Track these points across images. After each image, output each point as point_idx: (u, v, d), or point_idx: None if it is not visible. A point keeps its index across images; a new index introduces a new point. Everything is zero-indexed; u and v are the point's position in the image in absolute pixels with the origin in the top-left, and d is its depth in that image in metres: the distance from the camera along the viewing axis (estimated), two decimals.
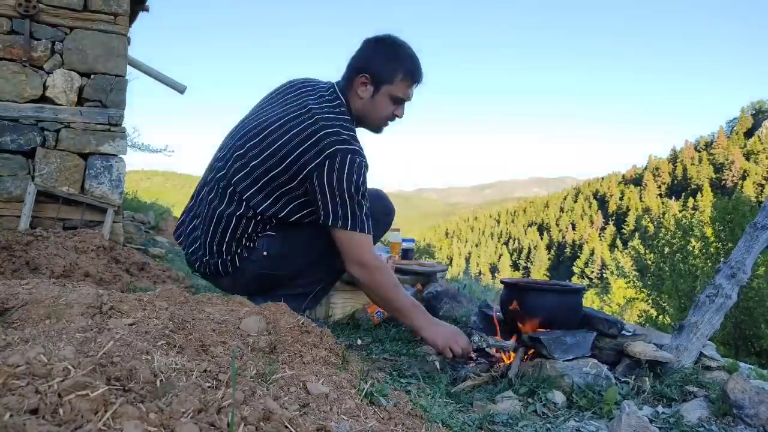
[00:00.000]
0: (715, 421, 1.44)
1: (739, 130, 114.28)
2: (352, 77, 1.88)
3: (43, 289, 1.33)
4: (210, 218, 1.90)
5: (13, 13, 3.37)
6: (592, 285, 60.19)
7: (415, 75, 1.90)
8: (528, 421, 1.40)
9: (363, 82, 1.87)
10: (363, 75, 1.86)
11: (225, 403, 0.74)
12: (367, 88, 1.87)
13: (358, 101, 1.89)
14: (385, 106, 1.90)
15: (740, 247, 1.90)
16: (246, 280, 1.95)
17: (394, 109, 1.92)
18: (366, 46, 1.91)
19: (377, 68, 1.86)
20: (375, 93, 1.88)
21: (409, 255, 3.08)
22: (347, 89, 1.90)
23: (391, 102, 1.90)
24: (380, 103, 1.89)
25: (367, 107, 1.90)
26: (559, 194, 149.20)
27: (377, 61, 1.86)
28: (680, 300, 14.29)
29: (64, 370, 0.70)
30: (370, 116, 1.92)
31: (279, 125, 1.82)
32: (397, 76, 1.87)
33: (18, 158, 3.40)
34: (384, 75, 1.86)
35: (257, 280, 1.95)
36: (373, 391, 1.13)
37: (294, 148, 1.77)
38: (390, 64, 1.86)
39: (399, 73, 1.87)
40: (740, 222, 13.81)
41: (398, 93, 1.89)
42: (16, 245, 2.64)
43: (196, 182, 2.14)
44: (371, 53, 1.89)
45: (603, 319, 1.87)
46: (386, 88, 1.87)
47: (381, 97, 1.88)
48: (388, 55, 1.87)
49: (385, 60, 1.87)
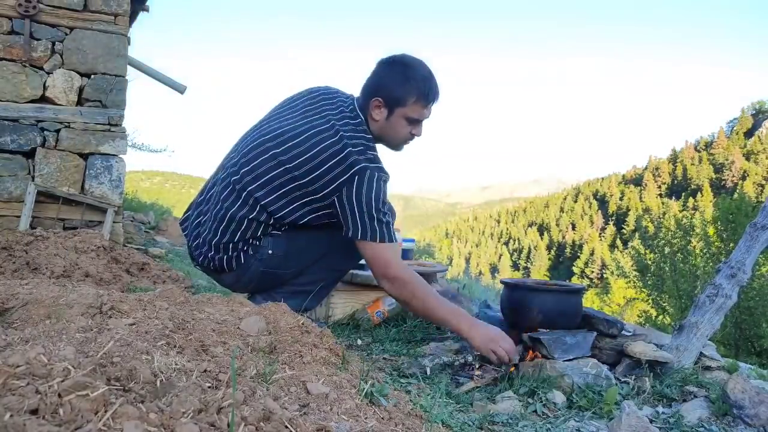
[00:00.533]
0: (715, 421, 1.44)
1: (739, 131, 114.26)
2: (367, 100, 1.91)
3: (43, 289, 1.33)
4: (221, 218, 1.91)
5: (13, 13, 3.37)
6: (592, 285, 60.18)
7: (428, 96, 1.90)
8: (528, 421, 1.40)
9: (377, 105, 1.89)
10: (377, 99, 1.88)
11: (225, 403, 0.74)
12: (381, 110, 1.89)
13: (375, 123, 1.92)
14: (401, 127, 1.92)
15: (740, 247, 1.90)
16: (249, 277, 1.97)
17: (411, 129, 1.94)
18: (379, 69, 1.93)
19: (390, 91, 1.87)
20: (389, 115, 1.89)
21: (410, 255, 3.08)
22: (365, 108, 1.93)
23: (407, 123, 1.91)
24: (396, 124, 1.91)
25: (384, 129, 1.92)
26: (559, 194, 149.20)
27: (390, 85, 1.88)
28: (680, 300, 14.28)
29: (64, 370, 0.70)
30: (387, 137, 1.95)
31: (304, 138, 1.84)
32: (410, 99, 1.87)
33: (18, 158, 3.40)
34: (397, 98, 1.87)
35: (260, 277, 1.97)
36: (373, 391, 1.13)
37: (321, 163, 1.79)
38: (402, 87, 1.87)
39: (412, 95, 1.87)
40: (743, 222, 13.80)
41: (413, 114, 1.90)
42: (16, 245, 2.64)
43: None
44: (383, 76, 1.90)
45: (603, 319, 1.87)
46: (400, 110, 1.88)
47: (396, 119, 1.90)
48: (401, 77, 1.88)
49: (397, 83, 1.87)
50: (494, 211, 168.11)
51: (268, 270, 1.94)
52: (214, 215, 1.93)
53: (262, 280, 1.97)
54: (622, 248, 62.40)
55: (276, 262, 1.93)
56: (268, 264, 1.93)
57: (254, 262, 1.93)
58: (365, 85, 1.94)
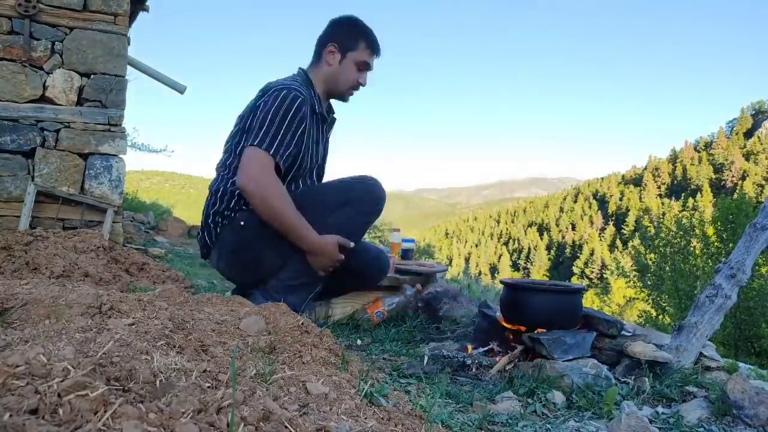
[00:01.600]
0: (714, 421, 1.44)
1: (738, 131, 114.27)
2: (321, 50, 2.19)
3: (42, 289, 1.33)
4: (207, 199, 2.15)
5: (13, 13, 3.37)
6: (592, 285, 60.17)
7: (375, 44, 2.22)
8: (528, 421, 1.40)
9: (331, 51, 2.17)
10: (331, 44, 2.17)
11: (225, 403, 0.74)
12: (335, 55, 2.18)
13: (327, 69, 2.18)
14: (350, 71, 2.19)
15: (740, 247, 1.90)
16: (225, 252, 2.09)
17: (358, 77, 2.21)
18: (331, 23, 2.23)
19: (343, 38, 2.18)
20: (342, 59, 2.17)
21: (409, 255, 3.08)
22: (314, 65, 2.21)
23: (356, 68, 2.19)
24: (346, 67, 2.18)
25: (335, 72, 2.18)
26: (559, 194, 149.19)
27: (342, 33, 2.19)
28: (680, 300, 14.29)
29: (64, 370, 0.70)
30: (338, 81, 2.19)
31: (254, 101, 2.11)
32: (360, 45, 2.19)
33: (18, 158, 3.40)
34: (349, 43, 2.18)
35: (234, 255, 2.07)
36: (372, 391, 1.13)
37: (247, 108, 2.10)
38: (353, 34, 2.19)
39: (361, 42, 2.19)
40: (742, 222, 13.80)
41: (362, 58, 2.19)
42: (16, 245, 2.64)
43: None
44: (336, 27, 2.21)
45: (603, 319, 1.87)
46: (351, 54, 2.18)
47: (347, 63, 2.18)
48: (352, 28, 2.21)
49: (349, 32, 2.19)
50: (494, 211, 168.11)
51: (240, 243, 2.05)
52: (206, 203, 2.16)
53: (237, 256, 2.07)
54: (622, 248, 62.32)
55: (247, 236, 2.03)
56: (240, 236, 2.04)
57: (228, 235, 2.07)
58: (318, 40, 2.22)
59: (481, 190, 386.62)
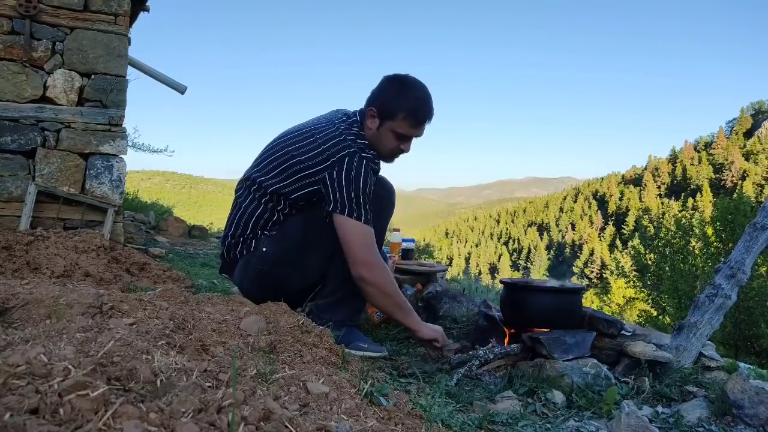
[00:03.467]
0: (714, 421, 1.44)
1: (738, 131, 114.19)
2: (364, 109, 2.05)
3: (43, 289, 1.34)
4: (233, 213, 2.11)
5: (13, 13, 3.37)
6: (591, 285, 60.12)
7: (417, 115, 2.00)
8: (528, 420, 1.40)
9: (371, 115, 2.01)
10: (371, 108, 2.01)
11: (225, 402, 0.74)
12: (374, 120, 2.01)
13: (368, 131, 2.04)
14: (388, 140, 2.02)
15: (740, 247, 1.90)
16: (250, 274, 2.05)
17: (399, 144, 2.03)
18: (381, 82, 2.06)
19: (383, 104, 1.99)
20: (380, 126, 2.01)
21: (409, 255, 3.08)
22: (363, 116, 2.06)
23: (394, 137, 2.01)
24: (384, 136, 2.01)
25: (374, 138, 2.03)
26: (559, 194, 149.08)
27: (384, 97, 2.01)
28: (680, 300, 14.28)
29: (65, 369, 0.70)
30: (377, 146, 2.04)
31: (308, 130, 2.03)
32: (399, 114, 1.98)
33: (18, 158, 3.40)
34: (387, 111, 1.99)
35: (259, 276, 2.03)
36: (373, 391, 1.13)
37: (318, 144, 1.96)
38: (394, 102, 1.98)
39: (402, 111, 1.98)
40: (741, 222, 13.79)
41: (400, 130, 2.00)
42: (17, 245, 2.64)
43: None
44: (381, 89, 2.04)
45: (602, 319, 1.87)
46: (389, 123, 1.99)
47: (384, 131, 2.01)
48: (395, 93, 2.00)
49: (390, 97, 2.00)
50: (494, 211, 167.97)
51: (264, 269, 2.02)
52: (230, 214, 2.13)
53: (262, 279, 2.03)
54: (622, 248, 62.28)
55: (270, 260, 2.01)
56: (264, 262, 2.02)
57: (253, 260, 2.04)
58: (369, 95, 2.07)
59: (481, 190, 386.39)
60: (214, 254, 5.62)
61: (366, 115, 2.02)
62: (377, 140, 2.02)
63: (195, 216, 40.28)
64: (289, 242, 2.01)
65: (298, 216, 2.02)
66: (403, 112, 1.97)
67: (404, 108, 1.97)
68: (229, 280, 2.30)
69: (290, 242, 2.01)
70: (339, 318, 1.97)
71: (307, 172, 1.95)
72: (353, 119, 2.05)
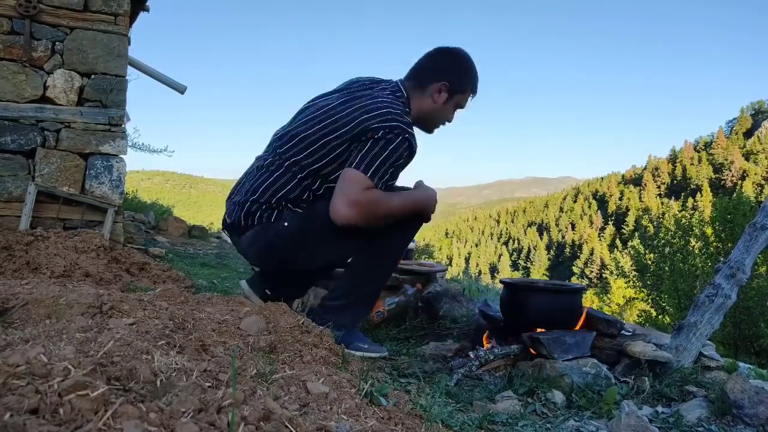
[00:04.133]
0: (714, 420, 1.44)
1: (738, 131, 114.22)
2: (429, 82, 2.03)
3: (43, 289, 1.34)
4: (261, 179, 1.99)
5: (13, 13, 3.37)
6: (591, 285, 60.14)
7: (477, 87, 2.13)
8: (527, 420, 1.40)
9: (440, 89, 2.03)
10: (443, 83, 2.03)
11: (225, 402, 0.74)
12: (442, 94, 2.04)
13: (431, 105, 2.05)
14: (450, 111, 2.10)
15: (739, 247, 1.90)
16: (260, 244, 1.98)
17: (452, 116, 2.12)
18: (446, 57, 2.08)
19: (456, 78, 2.04)
20: (448, 100, 2.05)
21: (409, 255, 3.08)
22: (416, 91, 2.04)
23: (453, 109, 2.10)
24: (447, 110, 2.08)
25: (436, 111, 2.06)
26: (559, 194, 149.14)
27: (457, 73, 2.05)
28: (680, 300, 14.28)
29: (64, 369, 0.70)
30: (434, 119, 2.09)
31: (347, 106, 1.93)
32: (468, 88, 2.08)
33: (18, 158, 3.40)
34: (460, 86, 2.05)
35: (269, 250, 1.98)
36: (373, 391, 1.13)
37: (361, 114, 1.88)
38: (466, 77, 2.07)
39: (469, 84, 2.08)
40: (741, 222, 13.79)
41: (463, 102, 2.10)
42: (17, 245, 2.64)
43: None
44: (450, 63, 2.06)
45: (602, 319, 1.87)
46: (458, 97, 2.07)
47: (450, 105, 2.07)
48: (466, 69, 2.08)
49: (463, 73, 2.07)
50: (494, 211, 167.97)
51: (279, 241, 1.95)
52: (256, 177, 2.01)
53: (272, 251, 1.98)
54: (622, 248, 62.28)
55: (288, 237, 1.94)
56: (280, 235, 1.94)
57: (270, 231, 1.96)
58: (426, 69, 2.06)
59: (481, 190, 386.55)
60: (214, 254, 5.62)
61: (432, 88, 2.02)
62: (437, 113, 2.07)
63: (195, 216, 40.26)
64: (313, 226, 1.93)
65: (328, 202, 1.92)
66: (470, 86, 2.08)
67: (472, 82, 2.08)
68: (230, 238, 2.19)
69: (314, 226, 1.93)
70: (342, 322, 1.96)
71: (344, 146, 1.88)
72: (399, 93, 2.01)
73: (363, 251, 1.97)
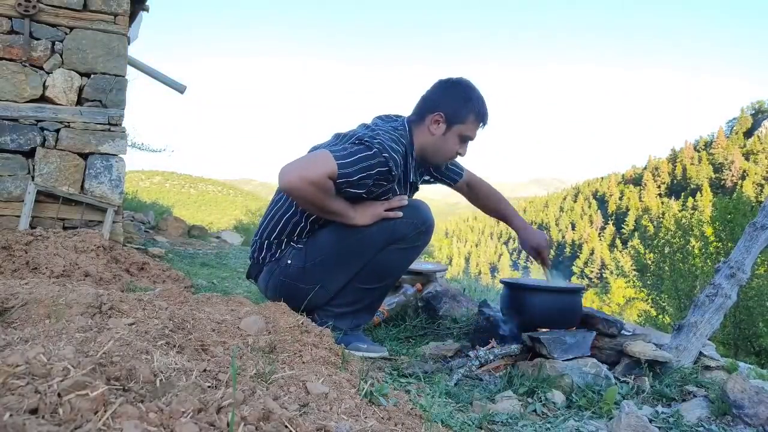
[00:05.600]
0: (714, 420, 1.44)
1: (738, 130, 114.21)
2: (425, 115, 2.01)
3: (42, 289, 1.33)
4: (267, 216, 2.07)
5: (13, 12, 3.36)
6: (591, 285, 60.15)
7: (484, 117, 2.03)
8: (527, 420, 1.40)
9: (436, 120, 1.99)
10: (438, 114, 1.98)
11: (225, 402, 0.74)
12: (440, 126, 1.99)
13: (429, 137, 2.01)
14: (453, 144, 2.02)
15: (740, 246, 1.90)
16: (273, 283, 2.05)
17: (458, 148, 2.04)
18: (441, 87, 2.05)
19: (451, 108, 1.99)
20: (446, 131, 2.00)
21: None
22: (416, 124, 2.03)
23: (459, 141, 2.02)
24: (449, 140, 2.01)
25: (437, 144, 2.01)
26: (559, 194, 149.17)
27: (452, 102, 1.99)
28: (680, 300, 14.29)
29: (64, 369, 0.70)
30: (437, 152, 2.04)
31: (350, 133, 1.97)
32: (469, 118, 2.00)
33: (18, 158, 3.40)
34: (457, 115, 1.99)
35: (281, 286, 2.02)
36: (372, 391, 1.13)
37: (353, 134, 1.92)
38: (464, 106, 1.99)
39: (471, 114, 2.00)
40: (741, 222, 13.80)
41: (467, 132, 2.01)
42: (16, 245, 2.64)
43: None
44: (446, 94, 2.02)
45: (602, 319, 1.87)
46: (458, 127, 1.99)
47: (451, 136, 2.00)
48: (462, 97, 2.00)
49: (459, 101, 2.00)
50: None
51: (287, 280, 2.01)
52: (266, 214, 2.10)
53: (283, 290, 2.01)
54: (622, 248, 62.28)
55: (294, 275, 2.00)
56: (287, 274, 2.00)
57: (277, 269, 2.03)
58: (425, 101, 2.04)
59: None
60: (213, 254, 5.62)
61: (428, 122, 1.99)
62: (440, 145, 2.01)
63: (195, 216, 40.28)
64: (315, 259, 1.97)
65: (329, 231, 1.96)
66: (472, 115, 1.99)
67: (474, 110, 1.99)
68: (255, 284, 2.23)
69: (316, 259, 1.97)
70: (341, 326, 1.97)
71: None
72: (402, 128, 2.00)
73: (367, 267, 1.97)
